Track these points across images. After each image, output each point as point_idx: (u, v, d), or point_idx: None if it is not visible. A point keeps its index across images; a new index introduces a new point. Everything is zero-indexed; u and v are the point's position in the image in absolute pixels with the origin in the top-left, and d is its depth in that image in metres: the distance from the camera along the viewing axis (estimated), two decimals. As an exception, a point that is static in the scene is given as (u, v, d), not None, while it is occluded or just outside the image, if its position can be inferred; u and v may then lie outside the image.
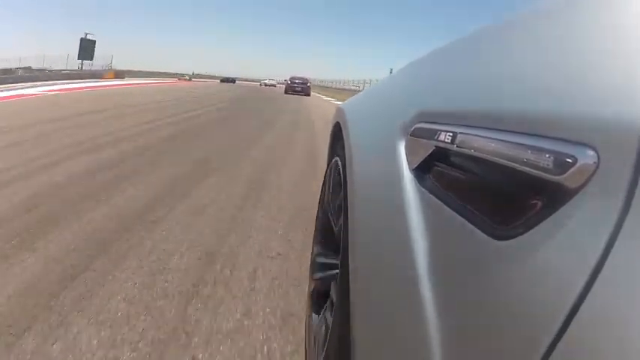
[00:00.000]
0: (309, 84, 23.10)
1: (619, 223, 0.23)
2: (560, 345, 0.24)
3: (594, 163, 0.25)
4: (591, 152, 0.26)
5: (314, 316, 1.03)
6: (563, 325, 0.24)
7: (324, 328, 0.90)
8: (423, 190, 0.48)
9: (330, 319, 0.85)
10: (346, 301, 0.67)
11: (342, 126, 1.06)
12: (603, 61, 0.30)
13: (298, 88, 21.84)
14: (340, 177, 0.97)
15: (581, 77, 0.31)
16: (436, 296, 0.40)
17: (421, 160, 0.51)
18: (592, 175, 0.25)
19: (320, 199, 1.38)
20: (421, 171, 0.51)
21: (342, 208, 0.83)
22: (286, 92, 21.68)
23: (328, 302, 0.94)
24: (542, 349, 0.25)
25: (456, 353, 0.36)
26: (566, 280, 0.25)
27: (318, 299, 1.06)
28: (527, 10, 0.50)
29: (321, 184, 1.44)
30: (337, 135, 1.18)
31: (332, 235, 1.08)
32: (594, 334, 0.23)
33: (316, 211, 1.46)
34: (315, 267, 1.19)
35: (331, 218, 1.11)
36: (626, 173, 0.24)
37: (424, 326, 0.39)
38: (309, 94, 21.73)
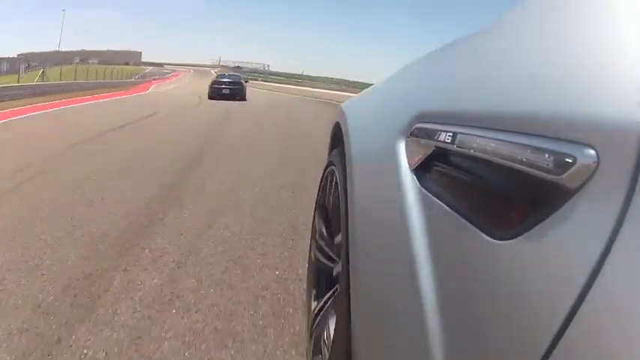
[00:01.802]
0: (244, 81, 15.75)
1: (619, 223, 0.23)
2: (560, 345, 0.24)
3: (594, 163, 0.25)
4: (591, 152, 0.26)
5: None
6: (563, 324, 0.24)
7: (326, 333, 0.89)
8: (424, 190, 0.48)
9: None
10: (347, 299, 0.67)
11: (342, 126, 1.06)
12: (603, 61, 0.30)
13: (226, 90, 14.22)
14: (338, 183, 0.96)
15: (581, 77, 0.31)
16: (437, 296, 0.40)
17: (421, 160, 0.51)
18: (592, 175, 0.25)
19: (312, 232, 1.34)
20: (421, 171, 0.51)
21: (343, 210, 0.83)
22: (210, 97, 14.19)
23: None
24: (543, 349, 0.25)
25: (456, 353, 0.36)
26: (566, 280, 0.25)
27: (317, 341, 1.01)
28: (526, 10, 0.50)
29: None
30: (337, 135, 1.18)
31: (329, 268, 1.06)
32: (594, 334, 0.23)
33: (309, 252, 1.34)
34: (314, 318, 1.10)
35: (326, 231, 1.09)
36: (626, 173, 0.24)
37: (425, 326, 0.39)
38: (244, 98, 14.50)
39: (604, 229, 0.24)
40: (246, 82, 16.59)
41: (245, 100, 14.45)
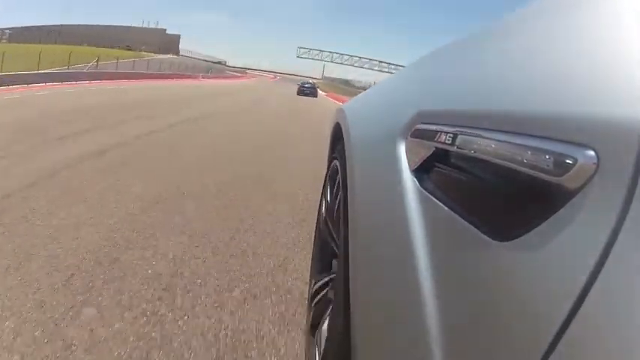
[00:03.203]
0: (317, 86, 32.99)
1: (619, 223, 0.23)
2: (560, 345, 0.24)
3: (594, 163, 0.25)
4: (591, 153, 0.26)
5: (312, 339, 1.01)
6: (563, 325, 0.24)
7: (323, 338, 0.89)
8: (424, 191, 0.48)
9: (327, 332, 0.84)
10: (346, 304, 0.67)
11: (342, 127, 1.06)
12: (603, 62, 0.30)
13: (307, 91, 29.15)
14: (340, 180, 0.96)
15: (581, 78, 0.31)
16: (437, 297, 0.40)
17: (421, 161, 0.51)
18: (592, 175, 0.25)
19: (319, 209, 1.37)
20: (422, 172, 0.51)
21: (343, 210, 0.83)
22: (298, 94, 28.26)
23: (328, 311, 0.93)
24: (543, 349, 0.25)
25: (456, 354, 0.36)
26: (566, 281, 0.25)
27: (316, 321, 1.02)
28: (526, 10, 0.50)
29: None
30: (337, 136, 1.18)
31: (332, 249, 1.06)
32: (594, 334, 0.23)
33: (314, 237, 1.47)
34: (315, 295, 1.13)
35: (331, 227, 1.09)
36: (626, 173, 0.24)
37: (425, 327, 0.39)
38: (316, 96, 28.92)
39: (604, 230, 0.24)
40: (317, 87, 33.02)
41: (316, 97, 28.46)
